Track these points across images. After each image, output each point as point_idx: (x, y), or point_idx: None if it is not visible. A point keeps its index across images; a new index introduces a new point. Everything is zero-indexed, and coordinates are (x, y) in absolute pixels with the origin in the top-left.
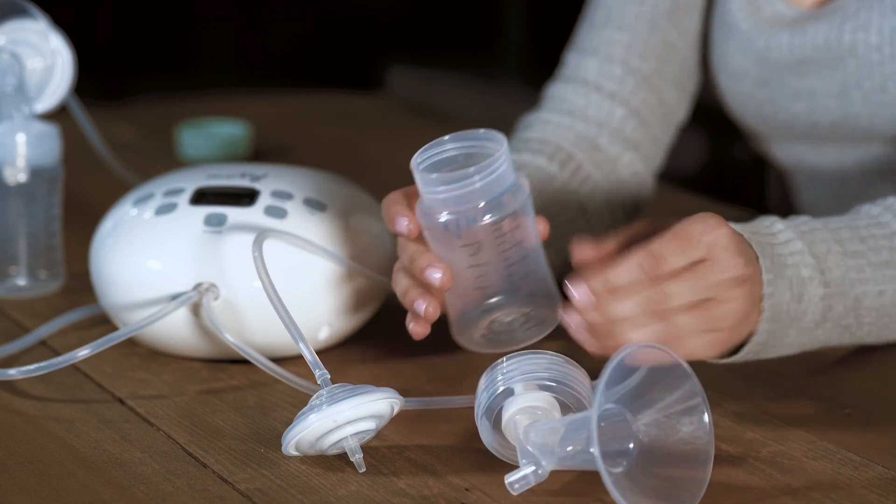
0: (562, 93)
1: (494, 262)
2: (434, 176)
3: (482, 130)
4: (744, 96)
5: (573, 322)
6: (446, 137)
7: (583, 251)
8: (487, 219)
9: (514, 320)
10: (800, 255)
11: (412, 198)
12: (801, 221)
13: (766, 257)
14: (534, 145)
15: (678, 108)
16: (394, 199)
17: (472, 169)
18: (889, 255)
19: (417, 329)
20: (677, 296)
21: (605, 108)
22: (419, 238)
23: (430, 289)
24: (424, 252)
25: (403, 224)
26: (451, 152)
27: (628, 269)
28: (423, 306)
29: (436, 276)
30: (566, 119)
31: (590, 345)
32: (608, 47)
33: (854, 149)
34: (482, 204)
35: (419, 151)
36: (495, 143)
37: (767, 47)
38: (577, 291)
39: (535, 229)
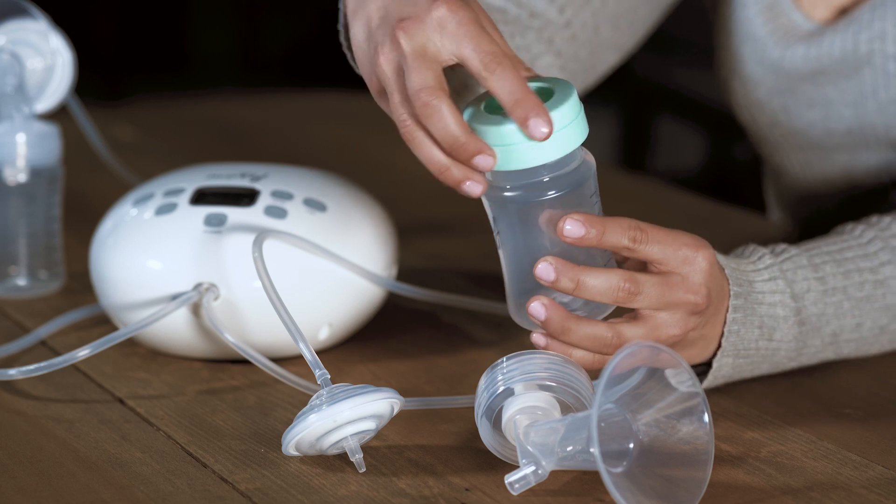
0: None
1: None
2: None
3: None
4: (757, 102)
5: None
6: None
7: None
8: (552, 194)
9: (572, 300)
10: (780, 295)
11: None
12: (786, 257)
13: (740, 295)
14: None
15: (608, 48)
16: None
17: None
18: (872, 290)
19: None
20: (644, 292)
21: (541, 5)
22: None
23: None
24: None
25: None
26: None
27: (613, 228)
28: (479, 189)
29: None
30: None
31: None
32: None
33: (866, 155)
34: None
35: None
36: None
37: (783, 58)
38: (571, 227)
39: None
